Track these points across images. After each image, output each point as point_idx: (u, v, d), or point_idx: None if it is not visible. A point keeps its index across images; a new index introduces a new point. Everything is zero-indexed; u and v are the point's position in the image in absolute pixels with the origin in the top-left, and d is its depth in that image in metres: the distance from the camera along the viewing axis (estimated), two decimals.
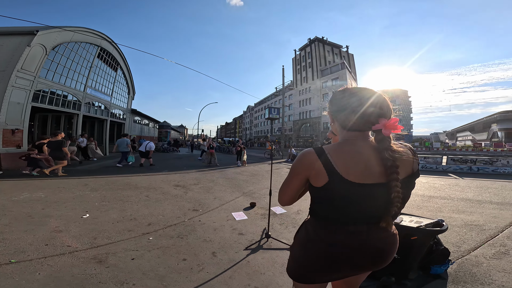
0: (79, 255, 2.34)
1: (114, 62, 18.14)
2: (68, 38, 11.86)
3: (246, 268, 2.23)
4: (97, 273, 2.04)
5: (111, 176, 7.32)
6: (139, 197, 4.75)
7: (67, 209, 3.81)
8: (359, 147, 0.87)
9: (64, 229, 2.98)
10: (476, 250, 2.53)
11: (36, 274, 1.99)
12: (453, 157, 9.91)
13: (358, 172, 0.83)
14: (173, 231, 3.09)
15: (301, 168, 0.90)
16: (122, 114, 20.68)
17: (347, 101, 0.91)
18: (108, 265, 2.18)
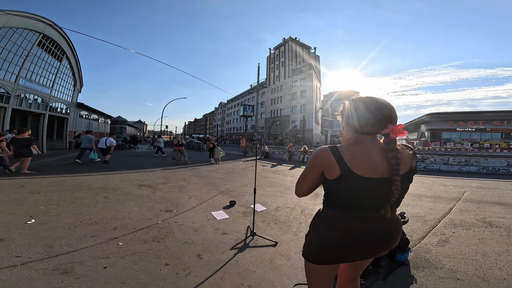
0: (35, 267, 1.91)
1: (58, 51, 15.68)
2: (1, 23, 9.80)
3: (236, 268, 2.16)
4: (66, 285, 1.70)
5: (54, 176, 6.16)
6: (96, 199, 4.12)
7: (3, 215, 3.06)
8: (368, 147, 1.00)
9: (6, 238, 2.38)
10: (424, 239, 2.85)
11: None
12: None
13: (366, 168, 0.96)
14: (146, 235, 2.77)
15: (317, 162, 1.01)
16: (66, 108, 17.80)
17: (362, 109, 1.02)
18: (77, 276, 1.83)
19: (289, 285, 1.91)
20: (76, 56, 18.01)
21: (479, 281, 1.96)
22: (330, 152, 0.97)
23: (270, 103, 50.78)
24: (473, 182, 6.92)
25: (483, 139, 40.31)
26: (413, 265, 2.23)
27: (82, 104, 19.95)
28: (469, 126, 43.20)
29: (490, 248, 2.58)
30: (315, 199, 4.73)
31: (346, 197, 0.99)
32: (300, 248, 2.55)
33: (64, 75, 17.23)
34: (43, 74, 14.60)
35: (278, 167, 10.41)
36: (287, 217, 3.65)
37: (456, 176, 8.21)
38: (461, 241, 2.76)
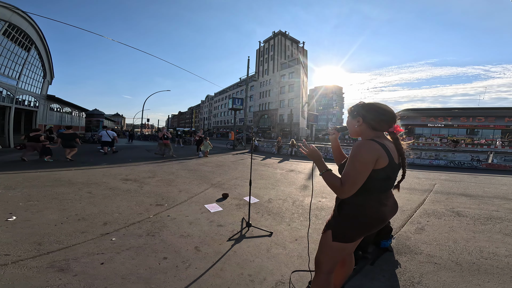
0: (28, 265, 1.83)
1: (26, 41, 14.40)
2: None
3: (235, 258, 2.22)
4: (64, 283, 1.65)
5: (27, 171, 5.73)
6: (79, 194, 3.93)
7: None
8: (388, 140, 1.30)
9: None
10: (403, 227, 3.09)
11: None
12: None
13: (396, 157, 1.25)
14: (139, 229, 2.73)
15: (375, 155, 1.17)
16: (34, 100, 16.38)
17: (380, 112, 1.30)
18: (74, 273, 1.78)
19: (287, 272, 2.02)
20: (46, 46, 16.54)
21: (453, 265, 2.19)
22: (379, 146, 1.18)
23: (258, 97, 50.56)
24: (442, 175, 7.58)
25: (450, 134, 43.57)
26: (396, 251, 2.45)
27: (53, 97, 18.46)
28: (439, 122, 46.64)
29: (460, 235, 2.86)
30: (304, 191, 4.93)
31: (385, 180, 1.23)
32: (294, 238, 2.69)
33: (32, 66, 15.81)
34: (9, 65, 13.33)
35: (268, 160, 10.56)
36: (280, 208, 3.78)
37: (427, 169, 8.91)
38: (434, 229, 3.04)
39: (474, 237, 2.82)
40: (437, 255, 2.37)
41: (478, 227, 3.13)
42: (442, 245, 2.58)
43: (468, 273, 2.06)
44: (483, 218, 3.47)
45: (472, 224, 3.24)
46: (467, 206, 4.03)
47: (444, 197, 4.66)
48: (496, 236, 2.85)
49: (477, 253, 2.42)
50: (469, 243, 2.64)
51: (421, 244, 2.61)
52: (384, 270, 2.10)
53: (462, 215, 3.57)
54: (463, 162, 9.69)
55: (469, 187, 5.71)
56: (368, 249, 2.37)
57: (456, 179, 6.83)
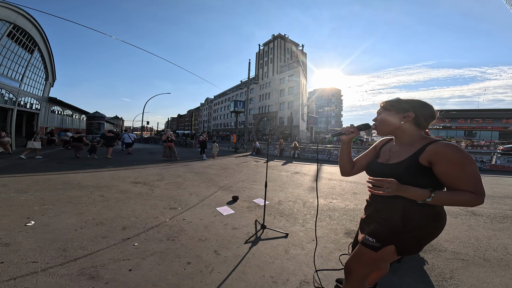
0: (58, 272, 1.80)
1: (30, 43, 14.56)
2: None
3: (254, 260, 2.21)
4: None
5: (36, 174, 5.70)
6: (92, 198, 3.91)
7: None
8: None
9: (12, 242, 2.20)
10: None
11: None
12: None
13: None
14: (159, 234, 2.72)
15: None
16: (36, 103, 16.40)
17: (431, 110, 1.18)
18: (106, 280, 1.76)
19: (309, 272, 2.01)
20: (49, 48, 16.63)
21: (481, 261, 2.24)
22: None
23: (258, 99, 50.79)
24: None
25: (448, 136, 43.89)
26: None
27: (54, 99, 18.44)
28: (437, 124, 47.09)
29: (480, 233, 2.91)
30: (313, 193, 4.93)
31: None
32: (311, 238, 2.68)
33: (35, 68, 15.88)
34: (12, 67, 13.39)
35: (271, 163, 10.55)
36: (291, 210, 3.78)
37: None
38: (453, 228, 3.08)
39: (495, 235, 2.87)
40: (463, 252, 2.42)
41: (496, 225, 3.20)
42: (465, 243, 2.63)
43: (498, 268, 2.10)
44: (499, 217, 3.52)
45: (490, 222, 3.29)
46: (481, 206, 4.04)
47: None
48: None
49: (502, 249, 2.47)
50: (492, 241, 2.69)
51: (443, 242, 2.64)
52: (412, 267, 2.12)
53: (478, 215, 3.61)
54: None
55: None
56: None
57: None
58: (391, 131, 1.23)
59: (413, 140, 1.18)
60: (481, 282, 1.88)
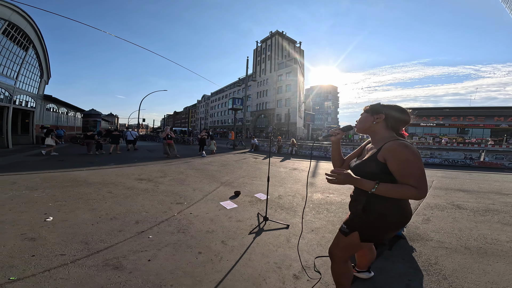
0: (86, 264, 1.98)
1: (25, 40, 14.34)
2: None
3: (259, 249, 2.42)
4: (124, 280, 1.81)
5: (41, 172, 5.82)
6: (101, 194, 4.07)
7: (16, 213, 2.96)
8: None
9: (37, 237, 2.36)
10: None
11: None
12: None
13: None
14: (169, 227, 2.91)
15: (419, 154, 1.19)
16: (32, 100, 16.23)
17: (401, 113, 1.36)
18: (129, 270, 1.95)
19: (310, 258, 2.24)
20: (43, 45, 16.38)
21: (463, 249, 2.49)
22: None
23: (256, 97, 50.73)
24: (438, 172, 7.99)
25: (442, 133, 44.65)
26: (409, 238, 2.74)
27: (49, 97, 18.23)
28: (431, 121, 47.73)
29: (463, 225, 3.18)
30: (311, 188, 5.17)
31: None
32: (311, 229, 2.92)
33: (30, 65, 15.63)
34: (7, 64, 13.16)
35: (270, 160, 10.82)
36: (291, 203, 4.01)
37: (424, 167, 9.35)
38: (439, 220, 3.36)
39: (476, 226, 3.14)
40: (447, 241, 2.67)
41: (478, 218, 3.47)
42: (449, 233, 2.89)
43: (477, 255, 2.34)
44: (482, 210, 3.80)
45: (473, 215, 3.57)
46: (466, 200, 4.36)
47: (443, 192, 4.99)
48: (495, 225, 3.17)
49: (481, 239, 2.72)
50: (473, 231, 2.95)
51: (430, 232, 2.90)
52: (402, 254, 2.37)
53: (462, 208, 3.90)
54: (457, 160, 10.15)
55: (465, 183, 6.09)
56: None
57: (452, 176, 7.22)
58: (365, 130, 1.40)
59: (382, 139, 1.32)
60: (462, 267, 2.12)
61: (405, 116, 1.35)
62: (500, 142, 30.02)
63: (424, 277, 1.97)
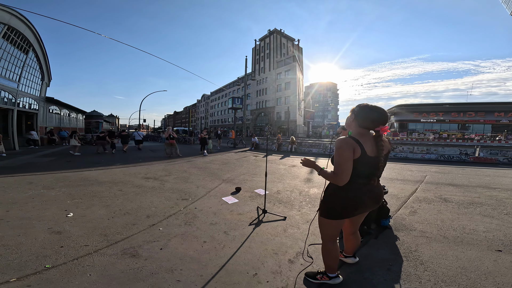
0: (107, 253, 2.28)
1: (25, 44, 14.68)
2: None
3: (258, 238, 2.69)
4: (141, 266, 2.10)
5: (53, 172, 6.16)
6: (113, 192, 4.38)
7: (39, 210, 3.28)
8: (369, 136, 1.61)
9: (63, 231, 2.67)
10: (399, 210, 3.64)
11: (87, 275, 1.91)
12: None
13: (370, 150, 1.56)
14: (177, 220, 3.20)
15: (350, 147, 1.50)
16: (34, 103, 16.59)
17: (368, 113, 1.58)
18: (144, 257, 2.24)
19: (303, 246, 2.49)
20: (43, 48, 16.69)
21: (441, 238, 2.72)
22: (353, 140, 1.52)
23: (255, 95, 50.83)
24: (433, 167, 8.24)
25: (442, 129, 44.56)
26: (394, 228, 2.98)
27: (51, 99, 18.59)
28: (431, 117, 47.69)
29: (446, 216, 3.42)
30: (308, 183, 5.46)
31: (360, 169, 1.55)
32: (306, 220, 3.19)
33: (31, 68, 15.96)
34: (9, 68, 13.49)
35: (270, 157, 11.05)
36: (289, 198, 4.29)
37: (420, 163, 9.57)
38: (425, 212, 3.61)
39: (458, 217, 3.38)
40: (428, 231, 2.91)
41: (462, 210, 3.71)
42: (432, 224, 3.13)
43: (453, 244, 2.57)
44: (466, 203, 4.05)
45: (457, 208, 3.82)
46: (453, 194, 4.62)
47: (433, 186, 5.26)
48: (476, 217, 3.41)
49: (460, 229, 2.97)
50: (454, 222, 3.19)
51: (414, 223, 3.16)
52: (386, 242, 2.61)
53: (449, 201, 4.15)
54: (452, 156, 10.39)
55: (456, 178, 6.35)
56: (371, 225, 2.93)
57: (446, 171, 7.48)
58: (348, 128, 1.72)
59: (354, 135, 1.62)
60: (438, 254, 2.33)
61: (374, 115, 1.56)
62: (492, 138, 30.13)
63: (404, 263, 2.18)
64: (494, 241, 2.60)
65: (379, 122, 1.57)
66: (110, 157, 9.77)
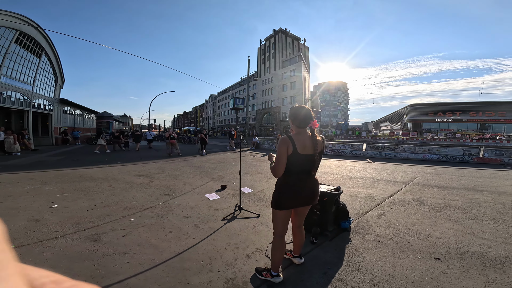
0: (72, 237, 2.56)
1: (37, 48, 15.68)
2: None
3: (225, 232, 2.83)
4: (97, 249, 2.36)
5: (56, 169, 6.66)
6: (102, 188, 4.72)
7: (28, 202, 3.66)
8: (304, 136, 1.82)
9: (41, 219, 3.00)
10: (368, 213, 3.56)
11: (44, 254, 2.20)
12: (369, 144, 12.50)
13: (302, 148, 1.77)
14: (152, 213, 3.44)
15: (286, 144, 1.75)
16: (49, 104, 17.67)
17: (300, 115, 1.82)
18: (104, 242, 2.50)
19: (265, 243, 2.59)
20: (55, 52, 17.72)
21: (392, 243, 2.63)
22: (289, 140, 1.74)
23: (261, 95, 50.94)
24: (429, 168, 7.99)
25: (460, 129, 42.49)
26: (353, 231, 2.95)
27: (65, 100, 19.68)
28: (447, 116, 45.63)
29: (411, 220, 3.31)
30: None
31: (293, 165, 1.76)
32: None
33: (44, 71, 17.02)
34: (24, 71, 14.52)
35: (266, 157, 11.20)
36: (270, 196, 4.38)
37: (419, 163, 9.27)
38: (393, 214, 3.52)
39: (422, 221, 3.26)
40: (383, 235, 2.83)
41: (431, 213, 3.58)
42: (392, 228, 3.05)
43: (399, 250, 2.48)
44: (440, 206, 3.92)
45: (427, 211, 3.68)
46: (433, 196, 4.52)
47: (417, 188, 5.17)
48: (440, 221, 3.27)
49: (415, 234, 2.86)
50: (415, 227, 3.08)
51: (375, 226, 3.09)
52: (338, 245, 2.60)
53: (424, 204, 4.04)
54: (455, 156, 10.01)
55: (447, 179, 6.18)
56: (328, 228, 2.92)
57: (440, 172, 7.27)
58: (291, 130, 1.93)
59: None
60: (378, 260, 2.26)
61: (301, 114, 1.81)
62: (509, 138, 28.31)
63: (342, 267, 2.16)
64: (440, 248, 2.51)
65: (308, 118, 1.81)
66: (113, 156, 10.32)
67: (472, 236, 2.82)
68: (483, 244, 2.62)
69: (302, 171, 1.81)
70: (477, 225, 3.17)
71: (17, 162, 8.03)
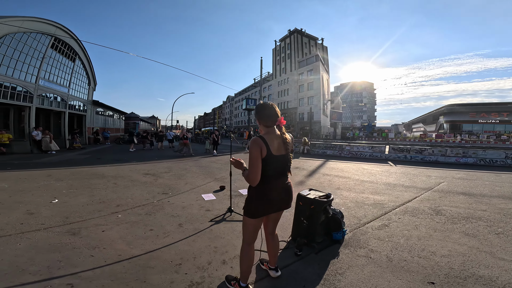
0: (54, 230, 2.68)
1: (71, 52, 17.26)
2: (15, 29, 11.33)
3: (209, 234, 2.70)
4: (71, 242, 2.42)
5: (75, 167, 7.27)
6: (107, 185, 4.96)
7: (35, 196, 3.96)
8: (274, 135, 1.66)
9: (36, 212, 3.21)
10: (370, 222, 3.13)
11: (17, 244, 2.32)
12: (393, 146, 11.56)
13: (275, 149, 1.63)
14: (141, 210, 3.48)
15: (258, 147, 1.56)
16: (83, 105, 19.46)
17: (264, 112, 1.68)
18: (81, 236, 2.57)
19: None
20: (87, 56, 19.36)
21: (385, 260, 2.22)
22: (261, 140, 1.57)
23: (277, 96, 50.54)
24: (460, 173, 7.00)
25: (507, 131, 37.65)
26: (345, 244, 2.56)
27: (97, 102, 21.38)
28: (493, 117, 40.73)
29: (418, 233, 2.83)
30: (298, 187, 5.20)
31: (269, 168, 1.60)
32: None
33: (78, 74, 18.70)
34: (60, 75, 16.06)
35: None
36: None
37: (450, 167, 8.18)
38: (399, 226, 3.04)
39: (431, 235, 2.78)
40: (378, 250, 2.42)
41: (445, 226, 3.07)
42: (392, 242, 2.62)
43: (390, 270, 2.08)
44: (460, 217, 3.35)
45: (442, 223, 3.16)
46: (455, 205, 3.88)
47: (438, 195, 4.52)
48: (454, 235, 2.77)
49: (417, 251, 2.41)
50: (420, 241, 2.63)
51: (373, 239, 2.67)
52: (322, 259, 2.26)
53: (440, 214, 3.48)
54: (495, 160, 8.68)
55: (479, 185, 5.33)
56: (316, 239, 2.52)
57: (473, 177, 6.32)
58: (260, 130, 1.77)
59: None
60: (360, 281, 1.91)
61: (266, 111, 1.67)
62: None
63: (317, 286, 1.87)
64: (440, 270, 2.07)
65: (274, 115, 1.65)
66: (133, 155, 10.92)
67: (488, 255, 2.32)
68: (496, 266, 2.13)
69: (278, 174, 1.67)
70: (499, 241, 2.62)
71: (48, 160, 8.86)
